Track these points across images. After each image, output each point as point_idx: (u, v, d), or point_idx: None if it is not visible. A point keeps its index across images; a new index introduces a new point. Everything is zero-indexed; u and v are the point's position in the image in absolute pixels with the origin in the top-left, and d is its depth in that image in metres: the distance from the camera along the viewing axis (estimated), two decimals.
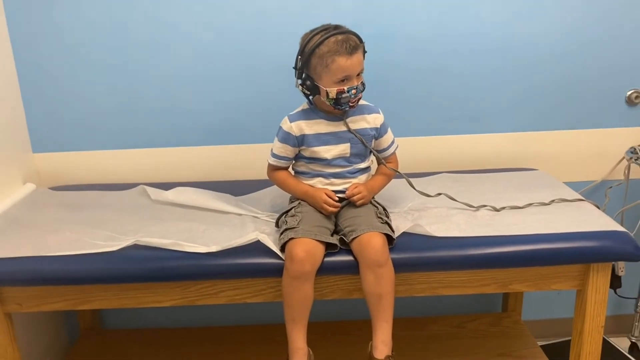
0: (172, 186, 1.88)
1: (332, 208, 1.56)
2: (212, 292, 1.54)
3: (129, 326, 2.22)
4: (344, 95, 1.51)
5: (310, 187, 1.60)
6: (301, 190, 1.61)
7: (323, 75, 1.51)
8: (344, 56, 1.47)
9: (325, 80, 1.51)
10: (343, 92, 1.50)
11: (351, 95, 1.51)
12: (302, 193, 1.61)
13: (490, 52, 1.99)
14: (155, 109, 2.00)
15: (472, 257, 1.50)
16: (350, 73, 1.50)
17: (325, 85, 1.51)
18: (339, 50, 1.47)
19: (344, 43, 1.47)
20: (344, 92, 1.50)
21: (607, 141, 2.08)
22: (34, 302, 1.54)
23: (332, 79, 1.50)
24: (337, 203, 1.57)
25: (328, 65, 1.48)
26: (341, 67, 1.48)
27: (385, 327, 1.47)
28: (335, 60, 1.47)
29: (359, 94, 1.54)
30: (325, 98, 1.53)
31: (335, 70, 1.48)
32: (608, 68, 2.02)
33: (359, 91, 1.53)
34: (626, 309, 2.23)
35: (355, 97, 1.53)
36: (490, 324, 2.15)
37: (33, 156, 2.02)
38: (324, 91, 1.52)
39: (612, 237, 1.52)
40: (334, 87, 1.50)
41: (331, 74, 1.49)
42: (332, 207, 1.56)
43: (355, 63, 1.49)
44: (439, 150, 2.07)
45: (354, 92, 1.51)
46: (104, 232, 1.60)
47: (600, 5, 1.96)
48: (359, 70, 1.52)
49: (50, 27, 1.91)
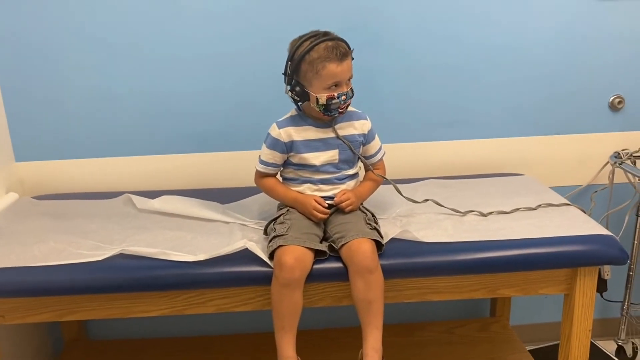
0: (158, 194, 1.86)
1: (321, 214, 1.55)
2: (200, 302, 1.53)
3: (115, 337, 2.19)
4: (334, 101, 1.51)
5: (299, 194, 1.60)
6: (290, 197, 1.60)
7: (313, 82, 1.51)
8: (334, 62, 1.48)
9: (315, 86, 1.51)
10: (333, 98, 1.50)
11: (341, 101, 1.52)
12: (291, 199, 1.60)
13: (476, 59, 2.01)
14: (140, 117, 1.98)
15: (461, 263, 1.50)
16: (340, 79, 1.50)
17: (315, 91, 1.51)
18: (330, 56, 1.47)
19: (334, 49, 1.47)
20: (334, 98, 1.51)
21: (592, 146, 2.10)
22: (17, 313, 1.51)
23: (323, 85, 1.50)
24: (327, 209, 1.56)
25: (319, 72, 1.48)
26: (332, 73, 1.48)
27: (375, 333, 1.46)
28: (326, 66, 1.48)
29: (349, 100, 1.55)
30: (314, 104, 1.53)
31: (326, 76, 1.49)
32: (591, 74, 2.05)
33: (349, 97, 1.54)
34: (612, 312, 2.25)
35: (345, 103, 1.54)
36: (478, 329, 2.16)
37: (16, 165, 2.00)
38: (313, 97, 1.51)
39: (599, 241, 1.53)
40: (324, 93, 1.50)
41: (322, 80, 1.49)
42: (321, 213, 1.55)
43: (346, 69, 1.50)
44: (426, 157, 2.08)
45: (343, 98, 1.52)
46: (89, 241, 1.58)
47: (583, 12, 1.99)
48: (348, 76, 1.52)
49: (32, 35, 1.89)
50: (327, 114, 1.54)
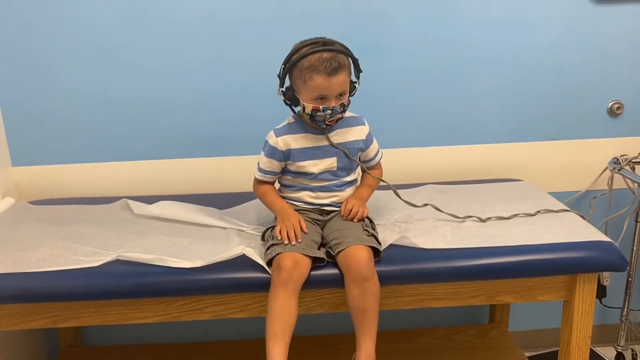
0: (156, 199, 1.85)
1: (290, 237, 1.47)
2: (196, 308, 1.52)
3: (111, 343, 2.18)
4: (318, 114, 1.49)
5: (287, 207, 1.57)
6: (278, 206, 1.59)
7: (301, 90, 1.50)
8: (322, 75, 1.45)
9: (303, 94, 1.50)
10: (318, 110, 1.49)
11: (326, 115, 1.49)
12: (278, 208, 1.58)
13: (475, 64, 2.01)
14: (137, 122, 1.98)
15: (459, 269, 1.49)
16: (326, 93, 1.47)
17: (304, 99, 1.50)
18: (319, 68, 1.44)
19: (325, 62, 1.44)
20: (319, 111, 1.49)
21: (591, 152, 2.09)
22: (13, 320, 1.50)
23: (309, 95, 1.48)
24: (297, 239, 1.47)
25: (306, 81, 1.47)
26: (317, 86, 1.46)
27: (369, 341, 1.45)
28: (313, 77, 1.45)
29: (336, 115, 1.51)
30: (303, 112, 1.52)
31: (312, 87, 1.47)
32: (590, 80, 2.05)
33: (336, 112, 1.50)
34: (611, 318, 2.24)
35: (332, 118, 1.50)
36: (477, 335, 2.15)
37: (12, 170, 1.99)
38: (302, 104, 1.51)
39: (598, 248, 1.53)
40: (310, 104, 1.49)
41: (308, 90, 1.48)
42: (291, 238, 1.46)
43: (334, 84, 1.46)
44: (424, 162, 2.07)
45: (329, 113, 1.49)
46: (85, 247, 1.57)
47: (582, 17, 1.98)
48: (337, 91, 1.48)
49: (28, 39, 1.88)
50: (315, 124, 1.53)
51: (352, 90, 1.55)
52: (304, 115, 1.54)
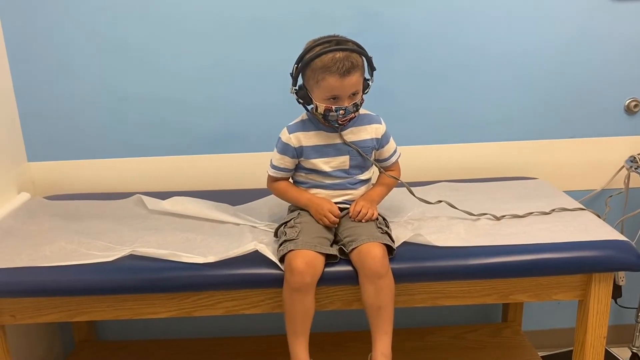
0: (169, 195, 1.86)
1: (331, 222, 1.53)
2: (209, 304, 1.52)
3: (124, 337, 2.19)
4: (331, 114, 1.49)
5: (314, 196, 1.58)
6: (305, 198, 1.58)
7: (314, 89, 1.49)
8: (334, 76, 1.44)
9: (315, 94, 1.50)
10: (330, 110, 1.48)
11: (338, 115, 1.49)
12: (305, 200, 1.58)
13: (491, 61, 1.99)
14: (151, 118, 1.99)
15: (473, 267, 1.48)
16: (339, 93, 1.47)
17: (316, 99, 1.50)
18: (332, 69, 1.43)
19: (339, 63, 1.43)
20: (332, 111, 1.48)
21: (607, 150, 2.07)
22: (28, 313, 1.51)
23: (321, 95, 1.48)
24: (337, 219, 1.54)
25: (318, 82, 1.46)
26: (330, 86, 1.45)
27: (384, 339, 1.44)
28: (326, 78, 1.45)
29: (349, 115, 1.50)
30: (315, 111, 1.52)
31: (324, 88, 1.46)
32: (606, 77, 2.02)
33: (348, 112, 1.49)
34: (627, 318, 2.22)
35: (344, 117, 1.50)
36: (490, 334, 2.13)
37: (28, 165, 2.00)
38: (314, 104, 1.51)
39: (614, 247, 1.51)
40: (322, 104, 1.49)
41: (320, 90, 1.47)
42: (331, 222, 1.53)
43: (347, 85, 1.45)
44: (438, 159, 2.06)
45: (342, 113, 1.48)
46: (100, 242, 1.59)
47: (598, 13, 1.96)
48: (350, 91, 1.47)
49: (45, 36, 1.90)
50: (328, 123, 1.53)
51: (366, 88, 1.54)
52: (316, 114, 1.54)
